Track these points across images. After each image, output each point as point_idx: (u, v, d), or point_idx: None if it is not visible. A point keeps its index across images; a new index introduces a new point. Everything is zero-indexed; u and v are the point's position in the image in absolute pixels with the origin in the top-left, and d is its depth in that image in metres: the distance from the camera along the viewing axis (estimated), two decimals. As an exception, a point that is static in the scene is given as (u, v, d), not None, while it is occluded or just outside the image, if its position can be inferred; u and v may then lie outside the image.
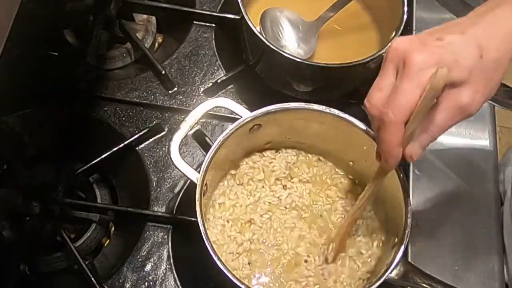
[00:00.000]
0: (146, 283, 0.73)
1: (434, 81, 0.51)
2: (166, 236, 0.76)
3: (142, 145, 0.82)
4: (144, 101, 0.84)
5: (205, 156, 0.65)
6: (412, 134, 0.55)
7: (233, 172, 0.73)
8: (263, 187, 0.73)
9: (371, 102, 0.56)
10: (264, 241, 0.70)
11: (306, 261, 0.69)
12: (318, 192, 0.73)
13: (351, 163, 0.74)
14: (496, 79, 0.55)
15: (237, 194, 0.72)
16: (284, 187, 0.73)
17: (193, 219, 0.62)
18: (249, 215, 0.71)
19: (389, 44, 0.57)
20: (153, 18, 0.95)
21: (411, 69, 0.52)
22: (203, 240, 0.60)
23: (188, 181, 0.77)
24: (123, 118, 0.83)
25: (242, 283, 0.58)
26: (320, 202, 0.72)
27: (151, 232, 0.76)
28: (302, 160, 0.75)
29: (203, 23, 0.90)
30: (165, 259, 0.75)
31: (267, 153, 0.75)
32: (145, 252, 0.75)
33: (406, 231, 0.62)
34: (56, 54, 0.86)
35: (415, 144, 0.56)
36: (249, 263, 0.68)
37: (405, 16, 0.77)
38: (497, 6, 0.55)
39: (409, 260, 0.70)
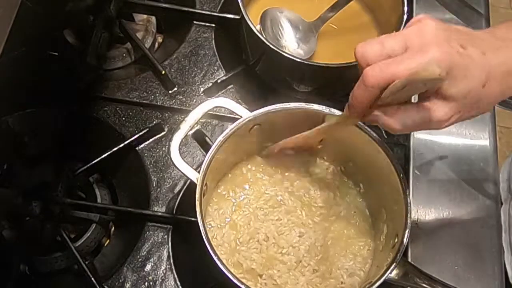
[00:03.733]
0: (146, 283, 0.73)
1: (422, 71, 0.50)
2: (166, 236, 0.76)
3: (142, 145, 0.82)
4: (144, 101, 0.84)
5: (205, 156, 0.65)
6: (382, 106, 0.54)
7: (233, 172, 0.73)
8: (263, 187, 0.73)
9: (365, 52, 0.54)
10: (265, 241, 0.69)
11: (306, 259, 0.69)
12: (319, 191, 0.73)
13: (351, 163, 0.74)
14: (481, 110, 0.55)
15: (237, 194, 0.72)
16: (285, 187, 0.73)
17: (193, 219, 0.62)
18: (249, 215, 0.71)
19: (420, 16, 0.54)
20: (153, 18, 0.95)
21: (423, 59, 0.51)
22: (203, 240, 0.60)
23: (188, 181, 0.77)
24: (123, 118, 0.83)
25: (242, 283, 0.58)
26: (322, 201, 0.72)
27: (151, 232, 0.76)
28: (302, 160, 0.75)
29: (203, 23, 0.91)
30: (165, 259, 0.75)
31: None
32: (145, 252, 0.75)
33: (406, 231, 0.62)
34: (56, 54, 0.86)
35: (380, 113, 0.55)
36: (249, 263, 0.68)
37: (405, 16, 0.77)
38: None
39: (409, 260, 0.70)
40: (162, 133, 0.83)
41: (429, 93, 0.53)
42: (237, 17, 0.83)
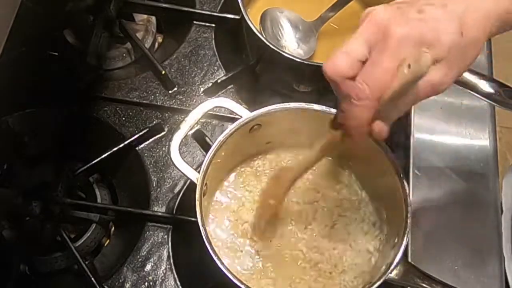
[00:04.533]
0: (146, 283, 0.73)
1: (418, 67, 0.49)
2: (166, 236, 0.76)
3: (142, 145, 0.82)
4: (144, 101, 0.84)
5: (205, 156, 0.65)
6: (381, 112, 0.53)
7: (233, 172, 0.73)
8: (263, 186, 0.73)
9: (335, 66, 0.52)
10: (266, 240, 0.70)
11: (308, 259, 0.69)
12: (319, 191, 0.73)
13: (351, 163, 0.74)
14: (471, 58, 0.53)
15: (237, 194, 0.72)
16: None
17: (193, 219, 0.62)
18: (249, 215, 0.71)
19: (366, 10, 0.53)
20: (153, 18, 0.95)
21: (392, 43, 0.50)
22: (203, 240, 0.60)
23: (188, 181, 0.77)
24: (123, 118, 0.83)
25: (242, 283, 0.58)
26: (323, 200, 0.72)
27: (151, 232, 0.76)
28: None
29: (203, 23, 0.90)
30: (165, 259, 0.75)
31: (267, 153, 0.75)
32: (145, 252, 0.75)
33: (406, 231, 0.62)
34: (56, 54, 0.86)
35: (383, 122, 0.54)
36: (249, 263, 0.68)
37: (405, 16, 0.77)
38: None
39: (409, 260, 0.70)
40: (162, 133, 0.83)
41: None
42: (237, 17, 0.83)
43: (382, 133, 0.54)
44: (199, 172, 0.64)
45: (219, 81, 0.85)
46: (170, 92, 0.85)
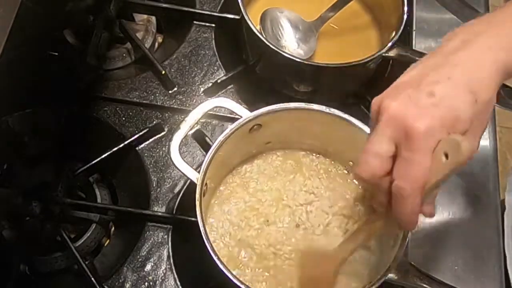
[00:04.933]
0: (146, 283, 0.73)
1: (459, 156, 0.48)
2: (166, 236, 0.76)
3: (142, 145, 0.82)
4: (144, 101, 0.84)
5: (205, 156, 0.65)
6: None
7: (233, 172, 0.73)
8: (264, 187, 0.73)
9: (370, 171, 0.52)
10: (265, 240, 0.70)
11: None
12: (320, 191, 0.73)
13: (351, 163, 0.74)
14: (489, 114, 0.53)
15: (237, 194, 0.72)
16: (287, 186, 0.73)
17: (193, 219, 0.62)
18: (249, 215, 0.71)
19: (374, 101, 0.53)
20: (153, 18, 0.95)
21: (419, 140, 0.49)
22: (203, 240, 0.60)
23: (188, 181, 0.77)
24: (123, 118, 0.83)
25: (242, 283, 0.58)
26: (324, 199, 0.72)
27: (151, 232, 0.76)
28: (302, 160, 0.75)
29: (203, 23, 0.90)
30: (165, 259, 0.75)
31: (268, 153, 0.75)
32: (145, 252, 0.75)
33: (406, 231, 0.62)
34: (56, 54, 0.86)
35: (430, 203, 0.54)
36: (249, 263, 0.68)
37: (405, 16, 0.77)
38: (470, 41, 0.52)
39: (409, 260, 0.70)
40: (162, 133, 0.83)
41: None
42: (237, 17, 0.83)
43: (432, 212, 0.55)
44: (199, 172, 0.64)
45: (219, 81, 0.85)
46: (170, 92, 0.85)
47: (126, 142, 0.80)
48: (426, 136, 0.49)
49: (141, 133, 0.81)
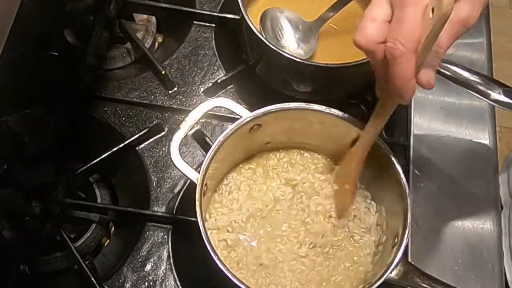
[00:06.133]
0: (146, 283, 0.73)
1: (441, 9, 0.48)
2: (166, 236, 0.76)
3: (142, 145, 0.82)
4: (144, 101, 0.85)
5: (205, 156, 0.65)
6: (422, 62, 0.53)
7: (233, 172, 0.73)
8: (263, 187, 0.73)
9: (367, 35, 0.53)
10: (265, 240, 0.70)
11: (307, 259, 0.69)
12: (320, 191, 0.73)
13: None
14: None
15: (237, 194, 0.72)
16: (285, 187, 0.73)
17: (193, 219, 0.62)
18: (249, 215, 0.71)
19: None
20: (153, 18, 0.95)
21: None
22: (203, 240, 0.60)
23: (188, 181, 0.77)
24: (123, 118, 0.83)
25: (242, 283, 0.58)
26: (324, 199, 0.72)
27: (151, 232, 0.76)
28: (302, 161, 0.75)
29: (203, 23, 0.91)
30: (165, 259, 0.75)
31: (268, 153, 0.75)
32: (145, 252, 0.75)
33: (406, 231, 0.62)
34: (56, 54, 0.86)
35: (428, 69, 0.54)
36: (249, 263, 0.68)
37: (405, 16, 0.77)
38: None
39: (409, 260, 0.70)
40: (162, 133, 0.83)
41: None
42: (237, 17, 0.83)
43: (430, 81, 0.55)
44: (199, 172, 0.64)
45: (219, 81, 0.85)
46: (170, 92, 0.85)
47: (126, 142, 0.80)
48: None
49: (141, 133, 0.81)
